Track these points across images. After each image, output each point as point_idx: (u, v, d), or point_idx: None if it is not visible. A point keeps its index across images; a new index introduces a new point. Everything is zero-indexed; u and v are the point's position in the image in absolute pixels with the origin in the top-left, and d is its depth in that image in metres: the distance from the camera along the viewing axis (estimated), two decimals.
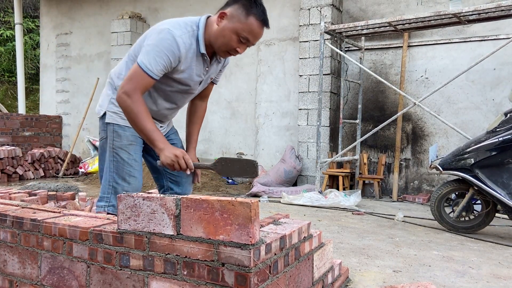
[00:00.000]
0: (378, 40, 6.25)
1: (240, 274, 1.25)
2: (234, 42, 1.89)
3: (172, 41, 1.84)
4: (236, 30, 1.87)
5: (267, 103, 7.02)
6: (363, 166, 6.10)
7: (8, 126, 8.10)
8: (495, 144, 3.41)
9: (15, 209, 1.89)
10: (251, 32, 1.87)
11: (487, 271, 2.62)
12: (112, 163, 2.04)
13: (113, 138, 2.03)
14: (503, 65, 5.44)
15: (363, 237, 3.49)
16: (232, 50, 1.93)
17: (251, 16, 1.86)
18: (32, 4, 13.20)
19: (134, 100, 1.83)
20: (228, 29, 1.87)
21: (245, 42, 1.90)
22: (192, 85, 2.05)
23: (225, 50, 1.94)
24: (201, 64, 2.00)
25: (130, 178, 2.04)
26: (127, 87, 1.83)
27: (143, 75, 1.83)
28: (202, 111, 2.30)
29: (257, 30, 1.88)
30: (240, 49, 1.93)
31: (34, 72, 12.97)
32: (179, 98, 2.11)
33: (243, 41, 1.89)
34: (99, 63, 8.68)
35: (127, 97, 1.83)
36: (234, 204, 1.27)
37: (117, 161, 2.03)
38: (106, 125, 2.07)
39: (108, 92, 2.11)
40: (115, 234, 1.48)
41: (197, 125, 2.29)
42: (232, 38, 1.88)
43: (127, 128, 2.03)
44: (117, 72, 2.09)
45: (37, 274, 1.70)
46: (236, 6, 1.88)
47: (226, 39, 1.89)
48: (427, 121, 5.91)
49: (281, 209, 4.88)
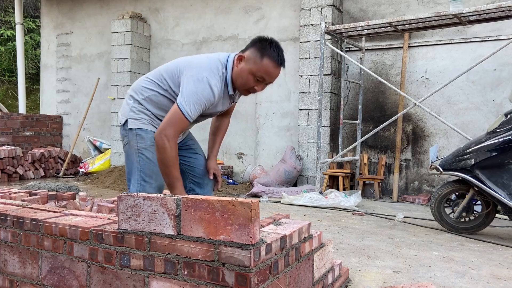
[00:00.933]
0: (378, 40, 6.25)
1: (241, 274, 1.25)
2: (251, 82, 2.06)
3: (209, 91, 2.02)
4: (252, 71, 2.03)
5: (268, 103, 7.02)
6: (363, 166, 6.10)
7: (8, 126, 8.10)
8: (495, 145, 3.41)
9: (16, 209, 1.89)
10: (266, 72, 2.02)
11: (487, 272, 2.62)
12: (138, 163, 2.17)
13: (137, 141, 2.17)
14: (504, 65, 5.44)
15: (363, 238, 3.49)
16: (251, 89, 2.10)
17: (265, 57, 2.01)
18: (32, 4, 13.20)
19: (172, 145, 1.99)
20: (245, 71, 2.04)
21: (262, 81, 2.06)
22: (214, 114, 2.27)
23: (244, 89, 2.11)
24: (227, 100, 2.21)
25: (157, 176, 2.16)
26: (169, 132, 1.98)
27: (183, 120, 2.00)
28: (225, 126, 2.50)
29: (272, 70, 2.03)
30: (258, 88, 2.09)
31: (34, 72, 12.97)
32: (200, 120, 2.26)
33: (260, 80, 2.05)
34: (100, 63, 8.68)
35: (167, 141, 1.98)
36: (234, 204, 1.27)
37: (143, 160, 2.16)
38: (128, 131, 2.21)
39: (128, 101, 2.26)
40: (116, 234, 1.48)
41: (220, 137, 2.50)
42: (249, 79, 2.05)
43: (149, 131, 2.18)
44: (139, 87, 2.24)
45: (38, 274, 1.70)
46: (252, 49, 2.05)
47: (244, 79, 2.06)
48: (428, 121, 5.91)
49: (281, 209, 4.88)
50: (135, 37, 7.82)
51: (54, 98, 9.24)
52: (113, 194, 5.89)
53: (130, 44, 7.75)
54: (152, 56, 8.17)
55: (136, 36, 7.84)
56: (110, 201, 3.01)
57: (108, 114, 8.36)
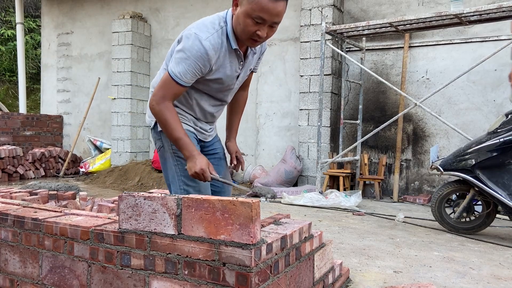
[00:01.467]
0: (379, 40, 6.25)
1: (241, 274, 1.25)
2: (250, 25, 1.77)
3: (199, 46, 1.79)
4: (248, 13, 1.75)
5: (268, 103, 7.02)
6: (364, 166, 6.10)
7: (9, 125, 8.10)
8: (496, 145, 3.41)
9: (16, 209, 1.89)
10: (262, 9, 1.72)
11: (487, 272, 2.62)
12: (177, 168, 2.01)
13: (171, 144, 1.99)
14: (504, 66, 5.44)
15: (363, 238, 3.49)
16: (254, 35, 1.80)
17: None
18: (33, 3, 13.21)
19: (163, 107, 1.85)
20: (242, 15, 1.77)
21: (262, 22, 1.75)
22: (228, 81, 1.99)
23: (247, 38, 1.82)
24: (235, 59, 1.94)
25: None
26: (157, 95, 1.86)
27: (172, 83, 1.84)
28: (243, 101, 2.28)
29: (268, 5, 1.71)
30: (261, 32, 1.78)
31: (35, 71, 12.98)
32: (221, 95, 2.07)
33: (259, 21, 1.75)
34: (100, 63, 8.68)
35: (156, 104, 1.86)
36: (235, 204, 1.27)
37: (182, 163, 1.98)
38: (159, 133, 2.04)
39: None
40: (116, 234, 1.48)
41: (239, 114, 2.28)
42: (247, 23, 1.76)
43: None
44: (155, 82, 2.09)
45: (38, 273, 1.70)
46: None
47: (242, 25, 1.78)
48: (428, 121, 5.91)
49: (281, 209, 4.88)
50: (135, 37, 7.82)
51: (55, 97, 9.25)
52: (113, 194, 5.89)
53: (130, 44, 7.75)
54: (153, 56, 8.17)
55: (136, 36, 7.84)
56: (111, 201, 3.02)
57: (109, 114, 8.36)
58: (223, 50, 1.86)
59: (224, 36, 1.85)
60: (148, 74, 8.17)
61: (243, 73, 2.04)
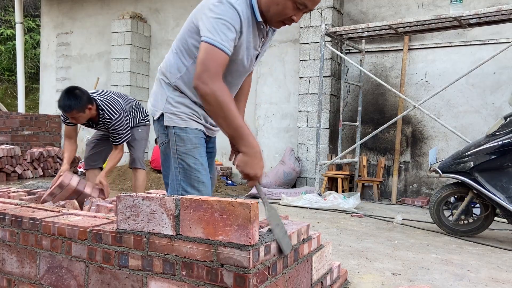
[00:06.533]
0: (378, 42, 6.26)
1: (239, 275, 1.25)
2: (290, 9, 1.65)
3: (233, 10, 1.63)
4: None
5: (267, 104, 7.02)
6: (363, 168, 6.10)
7: (7, 125, 8.09)
8: (494, 148, 3.41)
9: (14, 208, 1.88)
10: None
11: (485, 275, 2.62)
12: (178, 170, 1.87)
13: (176, 143, 1.85)
14: (503, 69, 5.45)
15: (362, 240, 3.49)
16: (287, 19, 1.70)
17: None
18: (33, 3, 13.20)
19: (217, 87, 1.57)
20: None
21: (302, 8, 1.66)
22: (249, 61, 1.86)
23: (279, 20, 1.71)
24: (256, 35, 1.80)
25: (199, 185, 1.87)
26: (205, 73, 1.57)
27: (219, 53, 1.59)
28: (247, 86, 2.14)
29: None
30: (296, 17, 1.69)
31: (34, 71, 12.97)
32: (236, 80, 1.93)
33: (300, 7, 1.65)
34: (100, 63, 8.68)
35: (207, 85, 1.56)
36: (233, 205, 1.26)
37: (183, 168, 1.85)
38: (165, 128, 1.88)
39: (161, 90, 1.91)
40: (114, 234, 1.48)
41: (244, 101, 2.13)
42: (287, 6, 1.65)
43: (189, 130, 1.87)
44: (168, 66, 1.89)
45: (36, 273, 1.69)
46: None
47: (280, 7, 1.65)
48: (427, 124, 5.92)
49: (280, 210, 4.88)
50: (135, 37, 7.82)
51: (54, 97, 9.23)
52: (111, 194, 5.88)
53: (130, 44, 7.75)
54: (152, 56, 8.17)
55: (136, 36, 7.84)
56: (109, 201, 3.01)
57: None
58: (248, 21, 1.72)
59: (249, 8, 1.71)
60: (147, 75, 8.17)
61: (261, 53, 1.92)
